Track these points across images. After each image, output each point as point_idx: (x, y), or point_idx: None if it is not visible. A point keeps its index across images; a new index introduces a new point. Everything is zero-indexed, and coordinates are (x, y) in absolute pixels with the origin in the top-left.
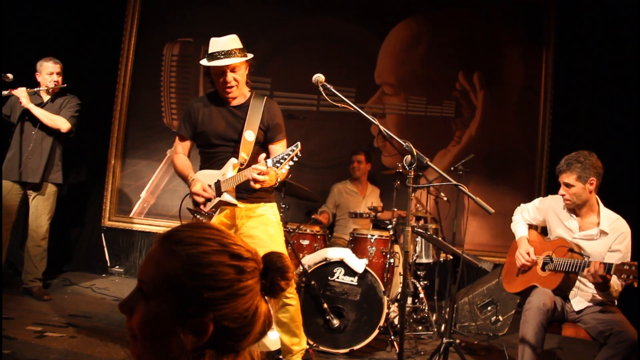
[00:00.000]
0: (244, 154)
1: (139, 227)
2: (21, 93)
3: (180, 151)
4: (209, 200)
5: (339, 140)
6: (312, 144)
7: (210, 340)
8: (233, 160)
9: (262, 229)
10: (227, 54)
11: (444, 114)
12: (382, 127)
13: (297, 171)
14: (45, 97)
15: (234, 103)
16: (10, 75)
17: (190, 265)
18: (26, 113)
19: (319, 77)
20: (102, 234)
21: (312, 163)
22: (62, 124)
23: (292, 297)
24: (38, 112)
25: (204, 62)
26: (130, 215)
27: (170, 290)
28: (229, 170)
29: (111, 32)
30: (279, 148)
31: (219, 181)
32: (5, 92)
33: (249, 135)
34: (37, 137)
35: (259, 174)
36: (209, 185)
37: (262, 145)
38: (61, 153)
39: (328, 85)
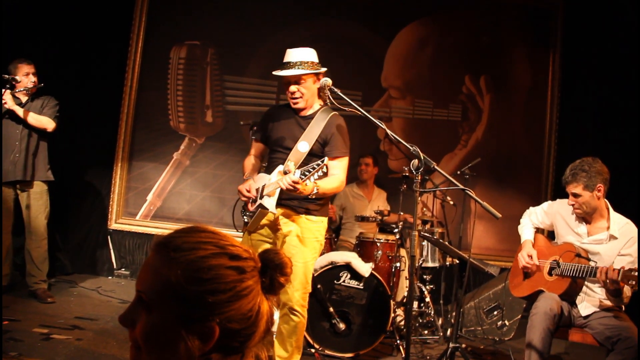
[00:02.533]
0: (291, 163)
1: (145, 230)
2: (7, 96)
3: (252, 153)
4: (254, 201)
5: None
6: None
7: (216, 344)
8: (280, 168)
9: (297, 242)
10: (293, 65)
11: (450, 118)
12: (388, 131)
13: None
14: (24, 98)
15: (303, 114)
16: (18, 78)
17: (191, 271)
18: (8, 114)
19: (326, 81)
20: (109, 237)
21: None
22: (49, 124)
23: (300, 312)
24: (24, 113)
25: (276, 72)
26: (137, 217)
27: (173, 298)
28: (274, 177)
29: (118, 34)
30: (335, 164)
31: (264, 185)
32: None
33: (302, 146)
34: (24, 136)
35: (289, 183)
36: (257, 189)
37: (320, 158)
38: (47, 151)
39: (335, 89)
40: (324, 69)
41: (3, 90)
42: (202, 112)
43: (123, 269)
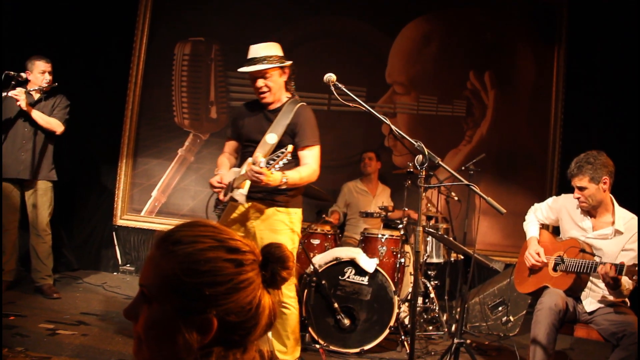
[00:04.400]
0: (259, 155)
1: (150, 226)
2: (20, 95)
3: (226, 150)
4: (226, 193)
5: (350, 139)
6: (323, 143)
7: (216, 337)
8: (249, 160)
9: (269, 235)
10: (258, 60)
11: (455, 114)
12: (393, 127)
13: None
14: (36, 96)
15: (271, 107)
16: (24, 75)
17: (188, 264)
18: (20, 112)
19: (330, 77)
20: (114, 233)
21: (323, 162)
22: (57, 127)
23: (289, 303)
24: (35, 114)
25: (241, 68)
26: (142, 214)
27: (171, 291)
28: (244, 169)
29: (123, 31)
30: (306, 153)
31: (235, 179)
32: (6, 94)
33: (270, 138)
34: (32, 136)
35: (254, 173)
36: (229, 182)
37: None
38: (53, 151)
39: (339, 85)
40: (289, 62)
41: (6, 91)
42: (207, 108)
43: (128, 265)
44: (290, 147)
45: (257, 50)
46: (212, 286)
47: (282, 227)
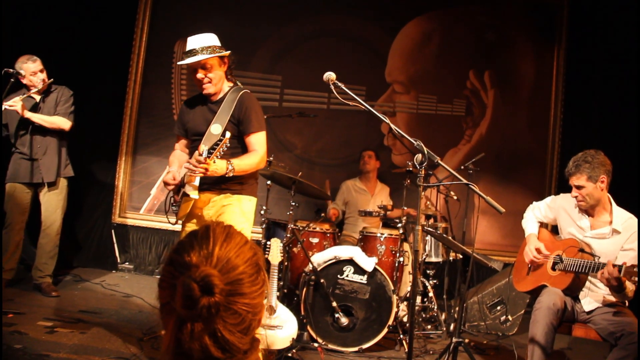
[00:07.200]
0: (204, 146)
1: (149, 224)
2: (17, 104)
3: (177, 147)
4: (178, 191)
5: (349, 138)
6: (323, 141)
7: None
8: (196, 153)
9: (223, 220)
10: (196, 52)
11: (454, 113)
12: (392, 126)
13: (307, 169)
14: (37, 97)
15: (214, 99)
16: (22, 72)
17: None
18: (25, 122)
19: (330, 75)
20: (112, 231)
21: (322, 161)
22: (64, 124)
23: None
24: (38, 119)
25: (180, 62)
26: (141, 212)
27: None
28: None
29: (123, 29)
30: (252, 140)
31: (185, 174)
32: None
33: (215, 129)
34: (43, 139)
35: (196, 165)
36: (182, 178)
37: (238, 137)
38: (67, 147)
39: (339, 83)
40: (227, 52)
41: (4, 100)
42: None
43: (127, 263)
44: (228, 134)
45: (194, 41)
46: (162, 272)
47: (231, 214)
